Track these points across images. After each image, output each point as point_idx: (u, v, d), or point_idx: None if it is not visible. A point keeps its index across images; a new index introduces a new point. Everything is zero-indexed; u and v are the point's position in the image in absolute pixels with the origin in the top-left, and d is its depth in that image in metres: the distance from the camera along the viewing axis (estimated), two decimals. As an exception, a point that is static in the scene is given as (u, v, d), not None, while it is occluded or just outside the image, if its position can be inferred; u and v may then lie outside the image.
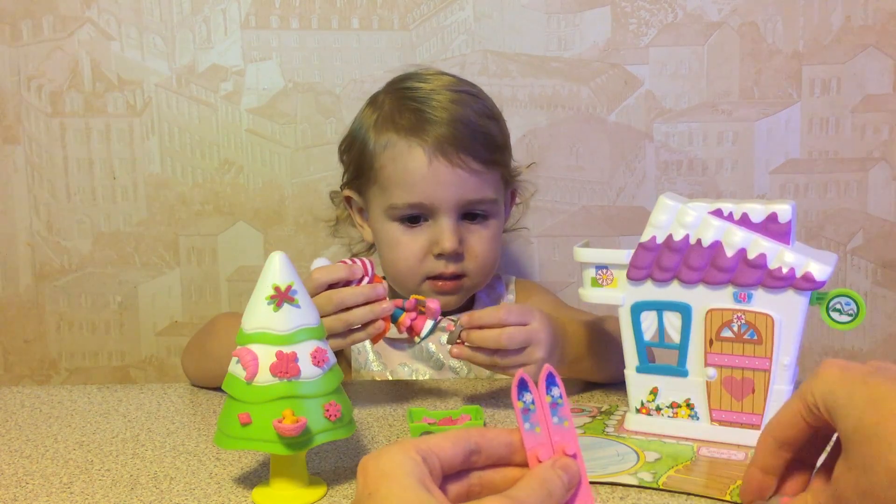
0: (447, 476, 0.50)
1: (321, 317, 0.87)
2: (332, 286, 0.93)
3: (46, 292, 1.50)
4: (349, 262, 0.94)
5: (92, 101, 1.45)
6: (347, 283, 0.93)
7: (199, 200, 1.48)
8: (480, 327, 0.93)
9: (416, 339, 0.95)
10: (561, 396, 0.51)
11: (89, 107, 1.45)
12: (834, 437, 0.57)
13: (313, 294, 0.91)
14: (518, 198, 1.22)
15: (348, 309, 0.92)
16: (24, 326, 1.51)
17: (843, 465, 0.52)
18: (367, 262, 0.94)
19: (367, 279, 0.93)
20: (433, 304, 0.94)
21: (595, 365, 1.02)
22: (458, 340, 0.93)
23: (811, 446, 0.59)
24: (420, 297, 0.95)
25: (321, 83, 1.45)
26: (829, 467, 0.56)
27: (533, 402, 0.51)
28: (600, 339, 1.02)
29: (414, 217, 1.09)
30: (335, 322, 0.91)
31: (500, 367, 0.94)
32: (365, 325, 0.93)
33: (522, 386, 0.51)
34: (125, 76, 1.45)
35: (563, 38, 1.44)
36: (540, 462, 0.51)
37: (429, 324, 0.93)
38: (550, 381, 0.51)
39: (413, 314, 0.93)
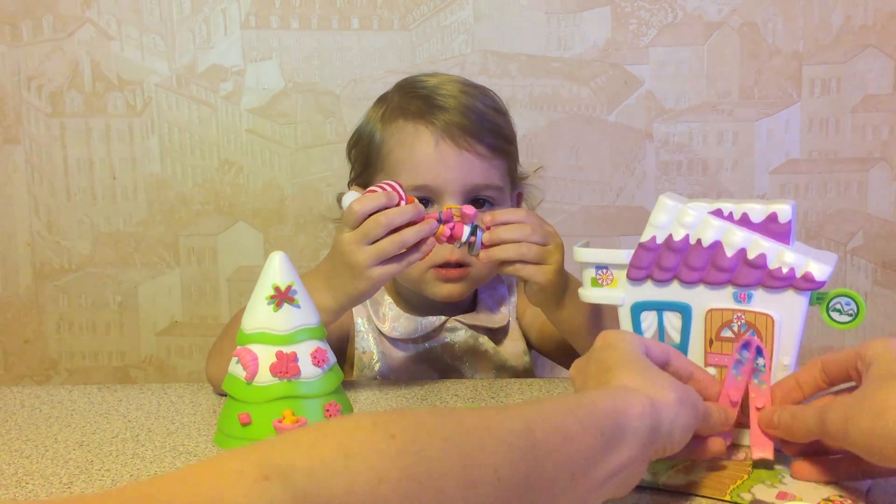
0: None
1: (371, 242, 0.89)
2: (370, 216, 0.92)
3: (46, 292, 1.50)
4: (380, 188, 0.93)
5: (92, 101, 1.45)
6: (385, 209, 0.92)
7: (199, 200, 1.48)
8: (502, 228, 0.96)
9: (457, 245, 0.96)
10: (747, 359, 0.73)
11: (89, 107, 1.45)
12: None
13: (355, 226, 0.91)
14: (525, 203, 1.22)
15: (397, 230, 0.91)
16: (24, 326, 1.51)
17: (844, 399, 0.65)
18: (396, 185, 0.93)
19: (402, 202, 0.92)
20: (468, 209, 0.95)
21: (586, 323, 1.01)
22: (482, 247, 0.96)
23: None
24: (454, 206, 0.96)
25: (321, 83, 1.45)
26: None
27: (746, 359, 0.73)
28: (596, 310, 1.02)
29: (420, 202, 1.09)
30: (389, 244, 0.90)
31: (527, 260, 0.95)
32: (417, 245, 0.92)
33: (745, 346, 0.74)
34: (125, 76, 1.45)
35: (563, 38, 1.44)
36: (730, 401, 0.73)
37: (467, 229, 0.94)
38: (745, 346, 0.74)
39: (451, 223, 0.94)
